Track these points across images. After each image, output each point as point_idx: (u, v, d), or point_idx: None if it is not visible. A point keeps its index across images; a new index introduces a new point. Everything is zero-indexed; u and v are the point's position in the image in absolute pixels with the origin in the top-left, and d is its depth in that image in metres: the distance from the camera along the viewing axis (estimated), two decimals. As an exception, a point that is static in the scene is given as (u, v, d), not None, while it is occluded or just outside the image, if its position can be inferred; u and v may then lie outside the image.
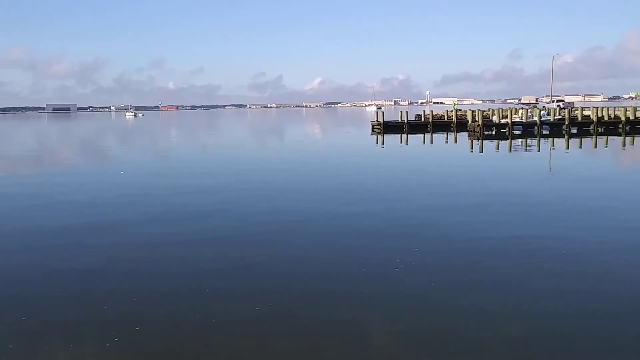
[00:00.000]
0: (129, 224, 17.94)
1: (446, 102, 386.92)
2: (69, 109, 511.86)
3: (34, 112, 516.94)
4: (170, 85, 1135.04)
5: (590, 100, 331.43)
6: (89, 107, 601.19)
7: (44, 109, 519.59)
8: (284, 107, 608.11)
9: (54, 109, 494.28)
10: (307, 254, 14.02)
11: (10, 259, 14.06)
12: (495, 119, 63.50)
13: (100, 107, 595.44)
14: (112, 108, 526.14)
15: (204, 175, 30.80)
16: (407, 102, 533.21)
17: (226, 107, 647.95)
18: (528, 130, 58.51)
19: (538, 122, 58.86)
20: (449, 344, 8.85)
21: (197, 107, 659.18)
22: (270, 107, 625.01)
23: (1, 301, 11.10)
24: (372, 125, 69.72)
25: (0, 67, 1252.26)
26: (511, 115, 60.05)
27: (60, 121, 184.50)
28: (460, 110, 77.85)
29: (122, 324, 9.79)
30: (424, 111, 78.96)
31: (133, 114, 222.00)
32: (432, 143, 51.63)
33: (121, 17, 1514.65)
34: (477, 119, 59.44)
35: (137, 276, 12.44)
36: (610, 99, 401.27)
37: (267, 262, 13.31)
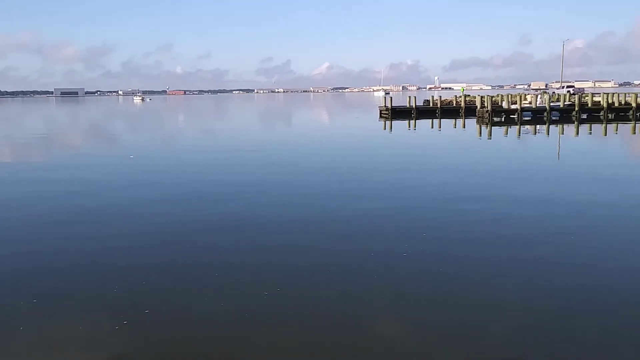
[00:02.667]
0: (139, 207, 17.99)
1: (455, 88, 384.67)
2: (76, 93, 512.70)
3: (42, 96, 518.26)
4: (178, 69, 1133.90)
5: (600, 86, 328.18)
6: (96, 92, 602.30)
7: (52, 93, 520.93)
8: (292, 92, 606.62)
9: (62, 93, 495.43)
10: (316, 239, 14.01)
11: (21, 242, 14.14)
12: (504, 104, 62.98)
13: (108, 92, 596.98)
14: (120, 92, 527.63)
15: (214, 160, 30.82)
16: (415, 88, 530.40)
17: (234, 92, 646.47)
18: (537, 116, 58.03)
19: (547, 108, 58.36)
20: (456, 330, 8.83)
21: (205, 91, 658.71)
22: (278, 92, 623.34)
23: (12, 284, 11.19)
24: (380, 111, 69.38)
25: (9, 51, 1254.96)
26: (520, 101, 59.54)
27: (68, 105, 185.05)
28: (469, 95, 77.27)
29: (132, 307, 9.83)
30: (433, 97, 78.51)
31: (141, 98, 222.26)
32: (440, 129, 51.39)
33: (129, 1, 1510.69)
34: (485, 105, 58.99)
35: (147, 260, 12.48)
36: (620, 85, 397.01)
37: (276, 247, 13.32)
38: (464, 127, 52.01)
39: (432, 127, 52.93)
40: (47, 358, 8.22)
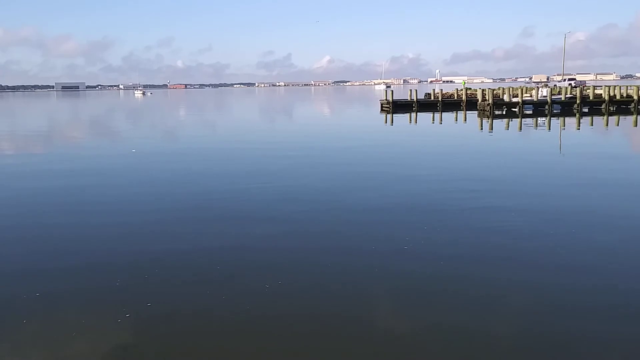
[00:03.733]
0: (140, 201, 18.03)
1: (456, 81, 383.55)
2: (77, 87, 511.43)
3: (43, 90, 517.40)
4: (179, 63, 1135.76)
5: (602, 79, 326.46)
6: (97, 86, 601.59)
7: (53, 87, 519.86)
8: (293, 85, 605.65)
9: (63, 87, 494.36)
10: (317, 232, 14.03)
11: (24, 236, 14.19)
12: (505, 97, 62.85)
13: (109, 86, 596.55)
14: (121, 86, 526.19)
15: (215, 153, 30.83)
16: (416, 81, 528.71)
17: (234, 86, 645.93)
18: (539, 109, 57.90)
19: (549, 101, 58.22)
20: (457, 322, 8.86)
21: (206, 85, 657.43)
22: (279, 85, 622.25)
23: (15, 277, 11.24)
24: (381, 104, 69.26)
25: (10, 45, 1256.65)
26: (522, 94, 59.39)
27: (70, 99, 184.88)
28: (470, 89, 77.03)
29: (134, 300, 9.88)
30: (434, 90, 78.40)
31: (142, 92, 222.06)
32: (441, 122, 51.30)
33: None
34: (487, 98, 58.87)
35: (149, 253, 12.51)
36: (622, 77, 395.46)
37: (277, 240, 13.35)
38: (465, 120, 51.91)
39: (434, 120, 52.83)
40: (49, 351, 8.26)
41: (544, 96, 59.53)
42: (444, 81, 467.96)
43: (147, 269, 11.43)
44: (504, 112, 57.32)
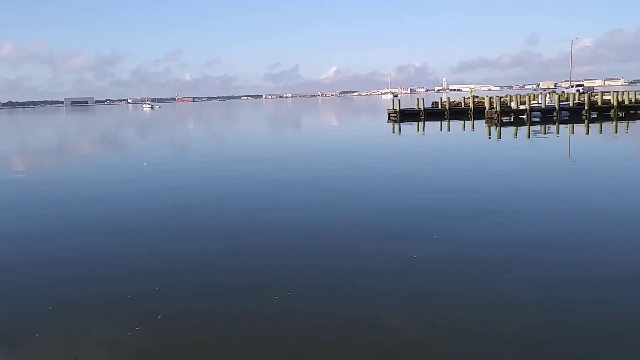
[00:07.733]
0: (151, 214, 18.10)
1: (463, 89, 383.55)
2: (86, 102, 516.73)
3: (52, 106, 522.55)
4: (187, 76, 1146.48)
5: (610, 85, 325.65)
6: (106, 100, 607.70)
7: (62, 102, 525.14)
8: (300, 96, 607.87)
9: (72, 102, 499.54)
10: (326, 242, 14.03)
11: (35, 250, 14.28)
12: (513, 105, 62.70)
13: (118, 100, 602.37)
14: (129, 100, 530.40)
15: (225, 166, 30.95)
16: (423, 90, 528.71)
17: (242, 98, 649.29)
18: (547, 115, 57.73)
19: (557, 107, 58.05)
20: (467, 332, 8.81)
21: (213, 98, 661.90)
22: (286, 97, 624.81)
23: (28, 290, 11.31)
24: (389, 114, 69.31)
25: (21, 61, 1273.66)
26: (529, 101, 59.24)
27: (80, 115, 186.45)
28: (477, 96, 76.94)
29: (144, 313, 9.90)
30: (441, 98, 78.26)
31: (150, 106, 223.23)
32: (449, 130, 51.24)
33: (138, 8, 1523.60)
34: (494, 106, 58.76)
35: (159, 265, 12.55)
36: (631, 82, 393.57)
37: (285, 251, 13.36)
38: (473, 128, 51.83)
39: (441, 129, 52.78)
40: (61, 364, 8.30)
41: (538, 103, 59.44)
42: (451, 89, 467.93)
43: (158, 281, 11.46)
44: (512, 120, 57.17)
